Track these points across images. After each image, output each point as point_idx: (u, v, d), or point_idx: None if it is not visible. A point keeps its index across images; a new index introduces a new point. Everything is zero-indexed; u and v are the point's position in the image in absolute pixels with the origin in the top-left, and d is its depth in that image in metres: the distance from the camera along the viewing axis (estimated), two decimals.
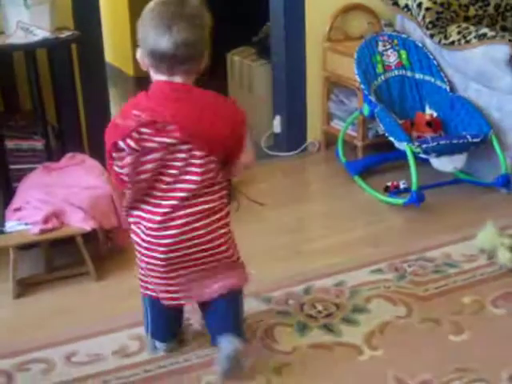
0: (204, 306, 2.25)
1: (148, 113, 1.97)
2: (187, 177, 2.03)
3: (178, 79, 2.03)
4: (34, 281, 2.75)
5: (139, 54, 2.10)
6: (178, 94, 2.03)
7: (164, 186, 2.05)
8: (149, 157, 1.99)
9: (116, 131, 1.99)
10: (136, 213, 2.11)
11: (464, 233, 3.02)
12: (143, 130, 1.96)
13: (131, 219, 2.14)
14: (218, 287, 2.17)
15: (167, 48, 1.96)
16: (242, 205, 2.99)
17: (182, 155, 2.01)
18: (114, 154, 2.01)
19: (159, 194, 2.06)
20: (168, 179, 2.04)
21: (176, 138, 1.98)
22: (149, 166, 2.00)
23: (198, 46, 2.00)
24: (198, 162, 2.02)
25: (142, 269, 2.20)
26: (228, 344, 2.10)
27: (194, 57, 2.01)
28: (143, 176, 2.02)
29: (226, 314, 2.21)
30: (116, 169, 2.03)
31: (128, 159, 1.98)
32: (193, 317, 2.41)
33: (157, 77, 2.06)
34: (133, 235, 2.16)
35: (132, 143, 1.96)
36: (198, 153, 2.01)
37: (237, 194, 3.40)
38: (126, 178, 2.02)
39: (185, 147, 2.00)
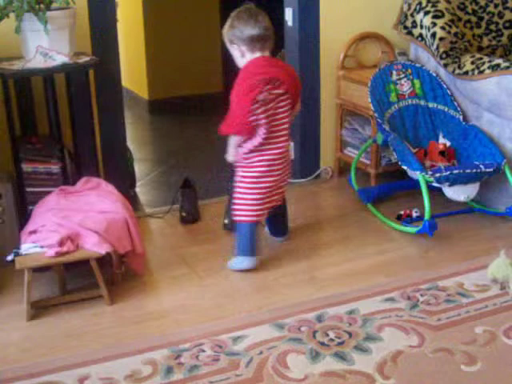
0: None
1: (267, 74, 2.85)
2: (286, 119, 2.97)
3: (266, 54, 2.92)
4: (47, 303, 2.77)
5: (235, 50, 2.93)
6: (272, 62, 2.95)
7: (276, 128, 2.93)
8: (269, 105, 2.88)
9: (253, 88, 2.81)
10: (258, 153, 2.93)
11: (476, 262, 3.03)
12: (267, 86, 2.84)
13: (250, 160, 2.94)
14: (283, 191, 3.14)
15: (259, 32, 2.86)
16: None
17: (284, 103, 2.94)
18: (251, 108, 2.81)
19: (276, 134, 2.94)
20: (277, 122, 2.93)
21: (283, 90, 2.91)
22: (270, 113, 2.88)
23: (271, 30, 2.91)
24: (289, 108, 2.96)
25: (251, 199, 2.98)
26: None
27: (271, 37, 2.92)
28: (265, 121, 2.87)
29: (285, 213, 3.30)
30: (251, 119, 2.84)
31: (261, 109, 2.84)
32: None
33: (252, 56, 2.90)
34: (249, 173, 2.97)
35: (262, 96, 2.82)
36: (289, 101, 2.95)
37: None
38: (263, 127, 2.87)
39: (285, 97, 2.93)
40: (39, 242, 2.71)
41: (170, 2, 5.93)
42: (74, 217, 2.80)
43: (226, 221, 3.43)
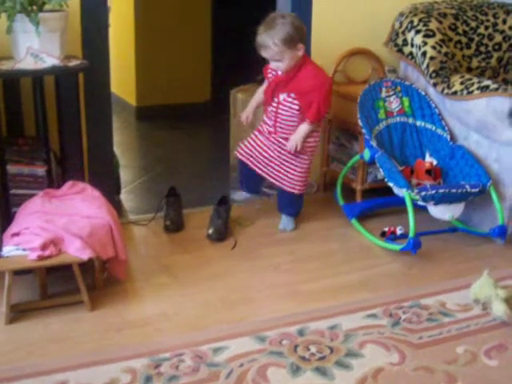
0: None
1: None
2: None
3: None
4: (27, 307, 2.74)
5: (299, 50, 3.29)
6: None
7: None
8: None
9: (331, 83, 3.47)
10: (316, 136, 3.54)
11: (459, 282, 3.04)
12: None
13: (313, 144, 3.52)
14: None
15: None
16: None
17: None
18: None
19: None
20: None
21: None
22: None
23: None
24: None
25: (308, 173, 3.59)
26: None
27: None
28: None
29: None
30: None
31: None
32: None
33: (302, 50, 3.31)
34: (311, 153, 3.55)
35: None
36: None
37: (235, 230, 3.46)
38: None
39: None
40: (22, 244, 2.68)
41: (161, 9, 5.93)
42: (58, 221, 2.77)
43: (210, 231, 3.42)
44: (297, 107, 3.38)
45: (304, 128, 3.39)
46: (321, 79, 3.37)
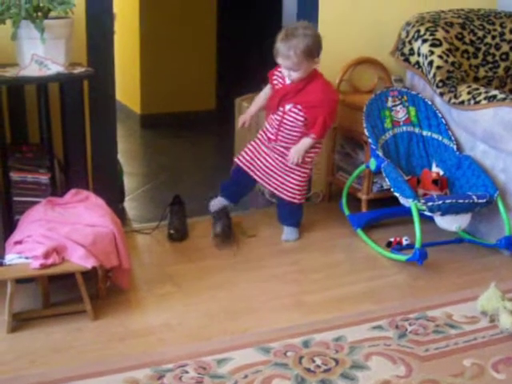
0: None
1: None
2: None
3: None
4: (30, 316, 2.71)
5: (315, 63, 3.33)
6: None
7: None
8: None
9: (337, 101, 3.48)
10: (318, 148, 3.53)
11: (466, 293, 3.01)
12: None
13: (312, 154, 3.48)
14: None
15: None
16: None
17: None
18: None
19: None
20: None
21: None
22: None
23: None
24: None
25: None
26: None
27: None
28: None
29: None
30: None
31: None
32: None
33: (318, 64, 3.36)
34: (310, 164, 3.54)
35: None
36: None
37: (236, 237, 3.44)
38: None
39: None
40: (24, 252, 2.66)
41: (166, 17, 5.92)
42: (61, 229, 2.75)
43: (218, 229, 3.43)
44: (302, 119, 3.37)
45: (307, 142, 3.40)
46: (330, 95, 3.39)
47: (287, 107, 3.38)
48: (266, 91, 3.57)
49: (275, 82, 3.47)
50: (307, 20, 3.55)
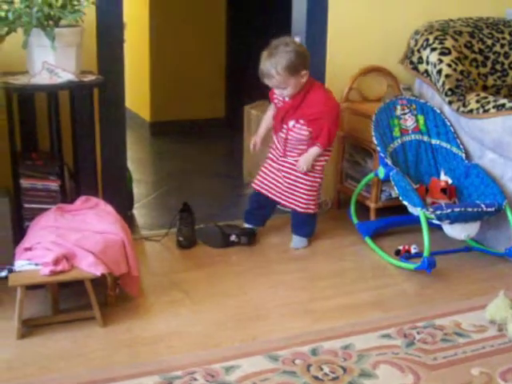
0: None
1: None
2: None
3: None
4: (39, 322, 2.72)
5: (304, 77, 3.29)
6: None
7: None
8: None
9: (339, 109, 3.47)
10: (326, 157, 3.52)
11: (474, 302, 3.00)
12: None
13: (321, 163, 3.49)
14: None
15: None
16: None
17: None
18: None
19: None
20: None
21: None
22: None
23: None
24: None
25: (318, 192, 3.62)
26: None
27: None
28: None
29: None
30: None
31: None
32: None
33: (306, 76, 3.30)
34: (320, 173, 3.51)
35: None
36: None
37: None
38: None
39: None
40: (34, 259, 2.67)
41: (176, 25, 5.95)
42: (71, 236, 2.76)
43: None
44: (306, 133, 3.38)
45: (314, 151, 3.40)
46: (331, 104, 3.39)
47: (290, 124, 3.39)
48: (270, 111, 3.58)
49: (276, 100, 3.48)
50: (317, 29, 3.57)
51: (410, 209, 3.35)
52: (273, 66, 3.22)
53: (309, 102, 3.35)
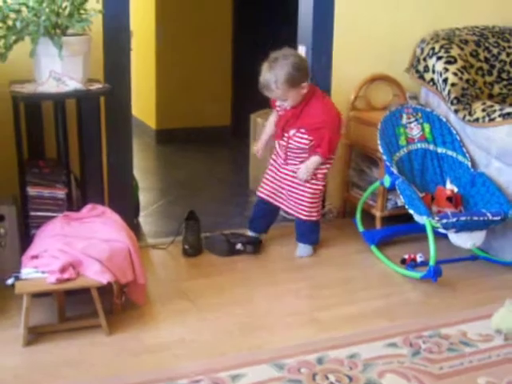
0: None
1: None
2: None
3: None
4: (45, 330, 2.73)
5: (304, 88, 3.30)
6: None
7: None
8: None
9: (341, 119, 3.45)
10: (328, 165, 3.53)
11: (480, 311, 2.99)
12: None
13: (323, 171, 3.49)
14: None
15: None
16: None
17: None
18: None
19: None
20: None
21: None
22: None
23: None
24: None
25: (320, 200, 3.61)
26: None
27: None
28: None
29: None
30: None
31: None
32: None
33: (307, 87, 3.32)
34: (323, 180, 3.52)
35: None
36: None
37: None
38: None
39: None
40: (40, 267, 2.68)
41: (182, 34, 5.97)
42: (77, 244, 2.77)
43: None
44: (307, 141, 3.39)
45: (315, 160, 3.41)
46: (331, 114, 3.39)
47: (291, 132, 3.41)
48: (273, 117, 3.59)
49: (278, 108, 3.50)
50: (323, 38, 3.58)
51: (416, 217, 3.35)
52: (272, 79, 3.25)
53: (310, 111, 3.36)
